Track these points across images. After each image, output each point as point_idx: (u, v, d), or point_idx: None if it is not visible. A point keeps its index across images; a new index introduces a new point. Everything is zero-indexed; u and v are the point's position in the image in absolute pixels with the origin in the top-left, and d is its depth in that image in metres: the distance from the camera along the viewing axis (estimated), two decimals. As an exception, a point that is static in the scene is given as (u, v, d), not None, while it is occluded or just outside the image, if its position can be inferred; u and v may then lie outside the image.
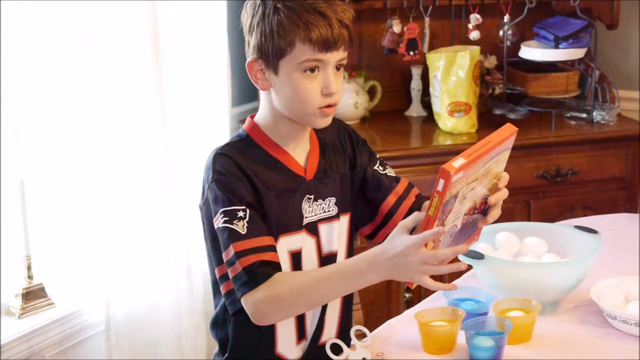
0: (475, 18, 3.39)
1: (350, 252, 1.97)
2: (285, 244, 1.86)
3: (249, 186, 1.80)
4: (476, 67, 3.28)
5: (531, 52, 3.39)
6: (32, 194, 2.69)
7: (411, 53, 3.36)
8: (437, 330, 1.82)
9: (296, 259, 1.88)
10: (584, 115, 3.41)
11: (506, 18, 3.38)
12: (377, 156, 2.02)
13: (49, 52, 2.64)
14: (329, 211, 1.92)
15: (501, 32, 3.42)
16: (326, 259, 1.91)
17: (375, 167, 1.98)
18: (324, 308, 1.93)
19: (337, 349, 1.80)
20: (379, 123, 3.43)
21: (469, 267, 1.90)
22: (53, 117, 2.68)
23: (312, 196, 1.89)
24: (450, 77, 3.26)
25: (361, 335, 1.87)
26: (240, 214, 1.77)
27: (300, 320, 1.91)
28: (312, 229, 1.90)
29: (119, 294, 2.81)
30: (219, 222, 1.77)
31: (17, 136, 2.59)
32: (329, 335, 1.95)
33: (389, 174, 1.98)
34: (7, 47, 2.52)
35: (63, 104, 2.69)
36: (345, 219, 1.95)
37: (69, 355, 2.79)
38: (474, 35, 3.39)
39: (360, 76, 3.45)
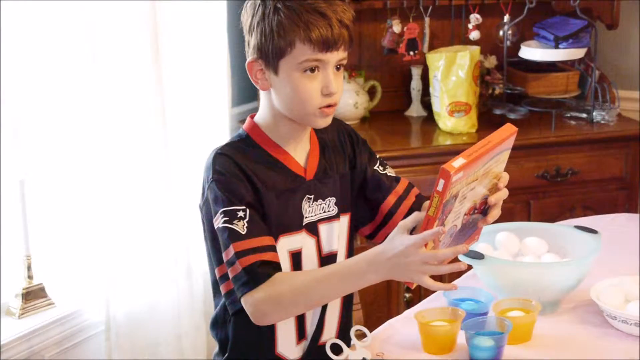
0: (475, 18, 3.39)
1: (350, 252, 1.97)
2: (285, 244, 1.86)
3: (249, 186, 1.80)
4: (476, 67, 3.28)
5: (531, 52, 3.38)
6: (32, 194, 2.68)
7: (411, 53, 3.36)
8: (437, 330, 1.82)
9: (296, 259, 1.88)
10: (584, 115, 3.40)
11: (506, 18, 3.37)
12: (377, 156, 2.02)
13: (49, 52, 2.63)
14: (329, 211, 1.92)
15: (501, 32, 3.42)
16: (326, 259, 1.91)
17: (375, 167, 1.98)
18: (324, 308, 1.93)
19: (337, 349, 1.80)
20: (379, 123, 3.43)
21: (469, 267, 1.90)
22: (53, 117, 2.68)
23: (312, 196, 1.89)
24: (450, 77, 3.26)
25: (361, 335, 1.86)
26: (240, 214, 1.77)
27: (300, 320, 1.91)
28: (312, 229, 1.89)
29: (119, 294, 2.81)
30: (219, 222, 1.77)
31: (17, 136, 2.59)
32: (329, 335, 1.95)
33: (389, 174, 1.98)
34: (7, 47, 2.52)
35: (63, 104, 2.69)
36: (345, 219, 1.95)
37: (69, 355, 2.79)
38: (474, 35, 3.39)
39: (360, 76, 3.45)
